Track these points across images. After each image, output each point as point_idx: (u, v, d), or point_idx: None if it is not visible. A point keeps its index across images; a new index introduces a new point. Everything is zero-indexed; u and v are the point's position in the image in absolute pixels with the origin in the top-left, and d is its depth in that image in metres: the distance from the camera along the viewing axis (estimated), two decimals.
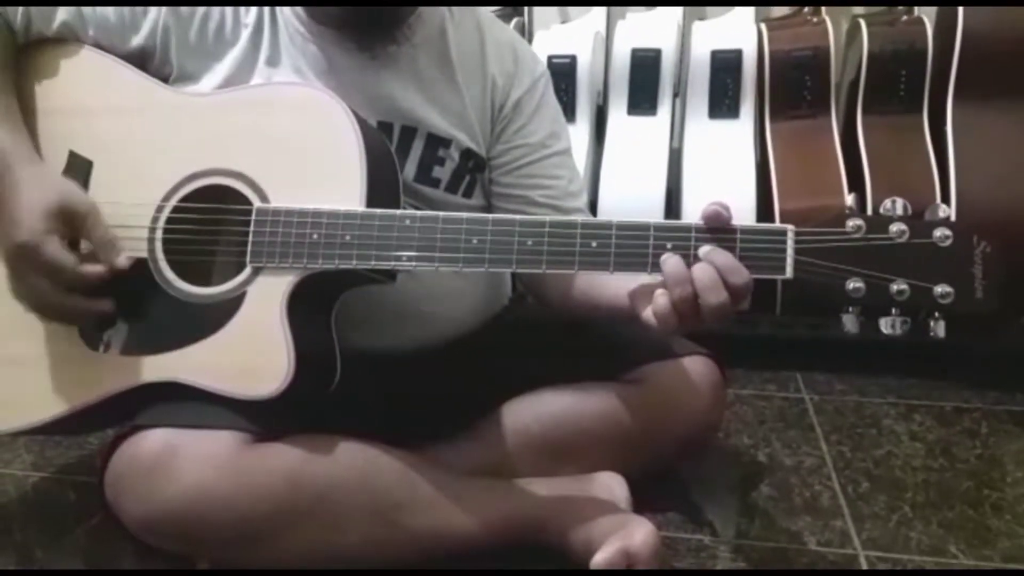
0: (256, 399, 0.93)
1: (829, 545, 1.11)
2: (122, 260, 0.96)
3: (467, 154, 1.12)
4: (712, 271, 0.85)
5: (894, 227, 0.83)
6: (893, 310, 0.84)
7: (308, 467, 0.95)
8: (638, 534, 0.98)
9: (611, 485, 1.10)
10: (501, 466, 1.10)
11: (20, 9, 1.03)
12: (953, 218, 0.83)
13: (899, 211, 0.84)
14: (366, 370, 1.03)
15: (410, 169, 1.10)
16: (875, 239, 0.83)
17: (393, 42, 1.08)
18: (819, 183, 1.68)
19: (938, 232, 0.82)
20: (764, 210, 1.69)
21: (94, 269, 0.95)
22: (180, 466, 0.91)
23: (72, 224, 0.96)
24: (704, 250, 0.86)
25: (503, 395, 1.14)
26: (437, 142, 1.10)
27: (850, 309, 0.85)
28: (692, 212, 0.82)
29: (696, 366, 1.15)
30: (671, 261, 0.87)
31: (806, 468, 1.32)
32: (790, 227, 0.85)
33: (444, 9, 1.14)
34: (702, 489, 1.24)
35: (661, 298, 0.87)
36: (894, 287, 0.83)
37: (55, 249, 0.93)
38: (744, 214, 0.88)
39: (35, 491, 1.27)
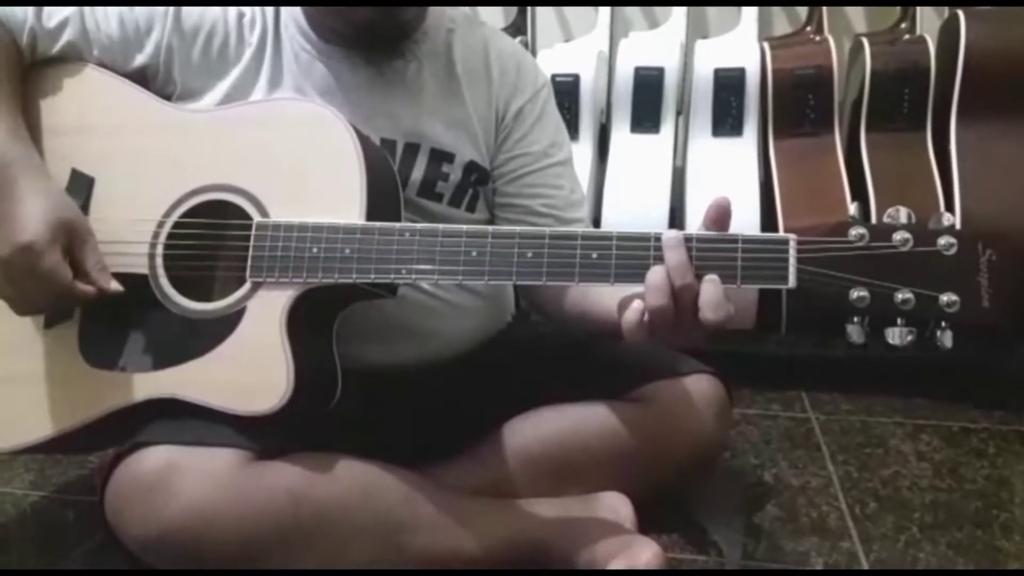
0: (255, 415, 0.92)
1: (836, 566, 1.09)
2: (113, 285, 0.97)
3: (470, 168, 1.13)
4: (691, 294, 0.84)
5: (897, 235, 0.82)
6: (899, 320, 0.82)
7: (310, 485, 0.94)
8: (643, 555, 0.97)
9: (616, 505, 1.09)
10: (503, 486, 1.09)
11: (25, 29, 1.03)
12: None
13: (903, 219, 0.83)
14: (368, 387, 1.02)
15: (413, 185, 1.10)
16: (879, 247, 0.82)
17: (400, 57, 1.09)
18: (823, 201, 1.68)
19: (942, 240, 0.82)
20: (768, 228, 1.68)
21: (86, 288, 0.95)
22: (181, 484, 0.90)
23: (72, 241, 0.96)
24: (707, 278, 0.85)
25: (505, 414, 1.13)
26: (441, 157, 1.11)
27: (855, 319, 0.83)
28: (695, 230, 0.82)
29: (701, 385, 1.14)
30: (655, 270, 0.86)
31: (813, 488, 1.30)
32: (792, 236, 0.84)
33: (448, 20, 1.15)
34: (708, 509, 1.22)
35: (635, 302, 0.87)
36: (899, 296, 0.82)
37: (56, 258, 0.93)
38: (748, 232, 0.87)
39: (34, 510, 1.26)
